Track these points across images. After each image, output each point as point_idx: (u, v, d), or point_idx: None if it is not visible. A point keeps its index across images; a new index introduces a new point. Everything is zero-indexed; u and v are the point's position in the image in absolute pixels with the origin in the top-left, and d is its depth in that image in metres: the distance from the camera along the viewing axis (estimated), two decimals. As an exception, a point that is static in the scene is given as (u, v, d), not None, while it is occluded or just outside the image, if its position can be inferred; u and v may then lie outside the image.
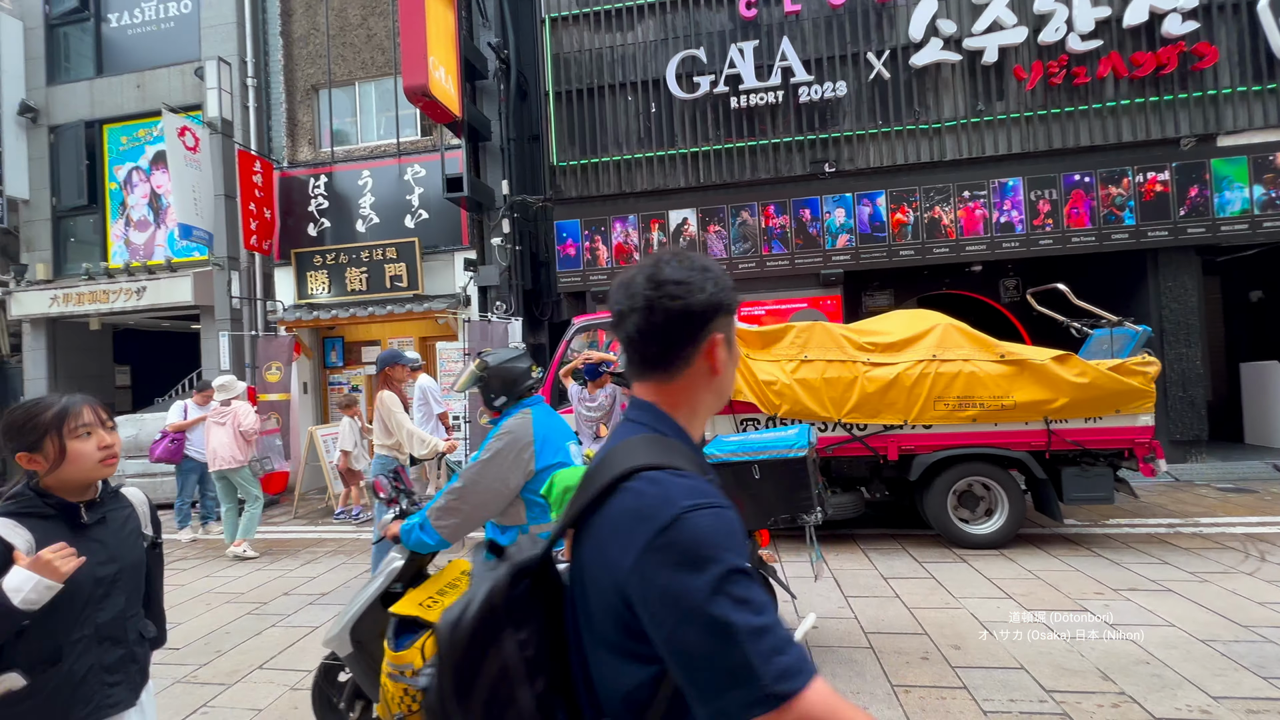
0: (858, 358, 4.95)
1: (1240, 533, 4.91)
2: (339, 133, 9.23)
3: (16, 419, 1.41)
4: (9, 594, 1.24)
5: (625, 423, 0.90)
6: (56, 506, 1.41)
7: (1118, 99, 7.01)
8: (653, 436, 0.83)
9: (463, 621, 0.77)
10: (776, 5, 7.58)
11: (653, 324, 0.83)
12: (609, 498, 0.77)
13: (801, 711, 0.63)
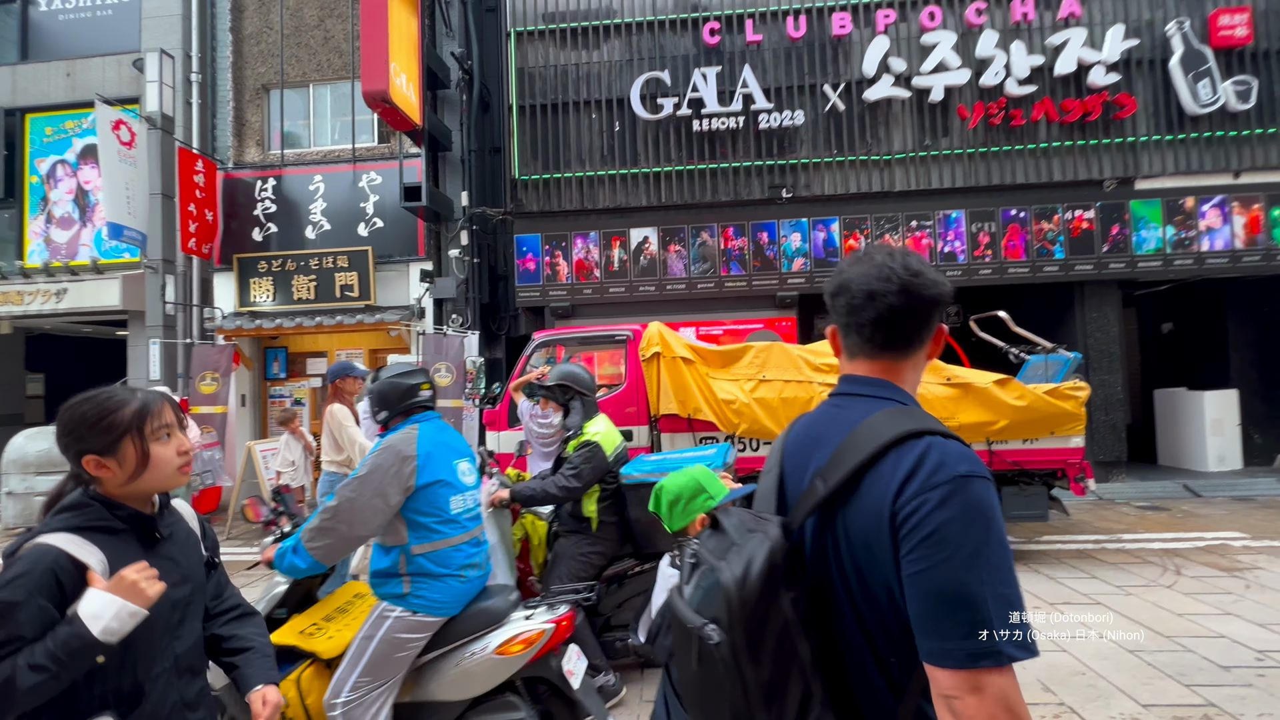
0: (814, 378, 5.08)
1: (1158, 548, 5.26)
2: (290, 135, 8.91)
3: (87, 415, 1.17)
4: (87, 622, 1.05)
5: (864, 398, 0.95)
6: (128, 520, 1.19)
7: (1049, 141, 7.53)
8: (913, 408, 0.91)
9: (749, 579, 0.81)
10: (739, 34, 7.82)
11: (909, 306, 0.92)
12: (888, 454, 0.83)
13: (1007, 679, 0.71)
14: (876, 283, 0.92)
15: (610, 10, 7.95)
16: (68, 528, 1.14)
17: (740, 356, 5.19)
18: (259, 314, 8.28)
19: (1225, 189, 7.47)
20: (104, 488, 1.19)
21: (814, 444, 0.97)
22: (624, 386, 5.35)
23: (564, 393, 3.18)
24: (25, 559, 1.08)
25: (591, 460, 2.92)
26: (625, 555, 3.20)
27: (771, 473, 1.03)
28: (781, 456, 1.02)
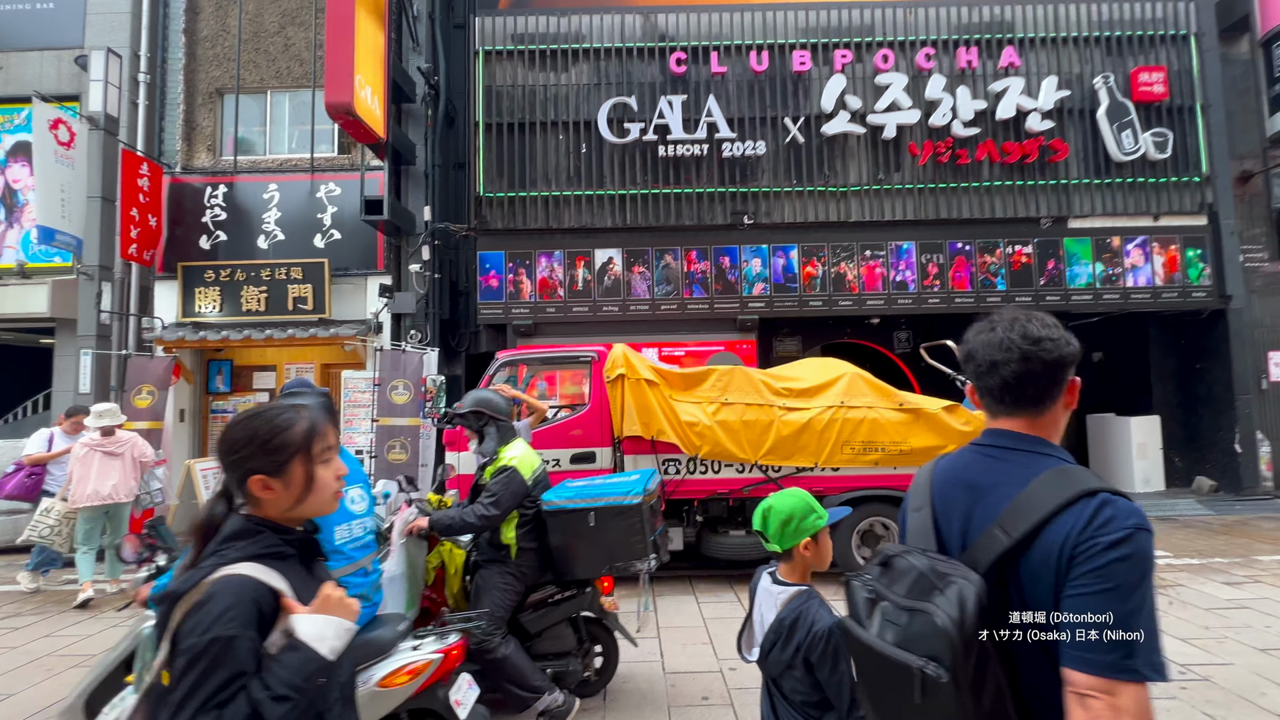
0: (774, 402, 5.20)
1: (1092, 567, 5.56)
2: (245, 141, 8.63)
3: (259, 433, 1.12)
4: (313, 645, 1.03)
5: (1022, 453, 1.05)
6: (296, 544, 1.16)
7: (992, 180, 8.02)
8: (1078, 467, 1.01)
9: (967, 621, 0.90)
10: (704, 65, 8.06)
11: (1030, 371, 1.03)
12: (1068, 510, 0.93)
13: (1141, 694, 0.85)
14: (998, 353, 1.05)
15: (579, 35, 8.08)
16: (248, 556, 1.08)
17: (703, 380, 5.26)
18: (203, 325, 7.91)
19: (1147, 230, 8.09)
20: (263, 510, 1.14)
21: (973, 490, 1.08)
22: (588, 408, 5.35)
23: (478, 419, 3.06)
24: (226, 592, 1.03)
25: (509, 486, 2.83)
26: (546, 582, 3.12)
27: (923, 510, 1.14)
28: (930, 496, 1.14)
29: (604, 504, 2.97)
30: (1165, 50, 8.18)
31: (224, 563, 1.07)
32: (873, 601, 1.04)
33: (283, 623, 1.05)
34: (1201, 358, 8.61)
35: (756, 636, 1.69)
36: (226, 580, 1.04)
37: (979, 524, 1.03)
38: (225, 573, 1.05)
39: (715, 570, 5.59)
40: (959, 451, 1.16)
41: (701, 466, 5.19)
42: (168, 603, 1.06)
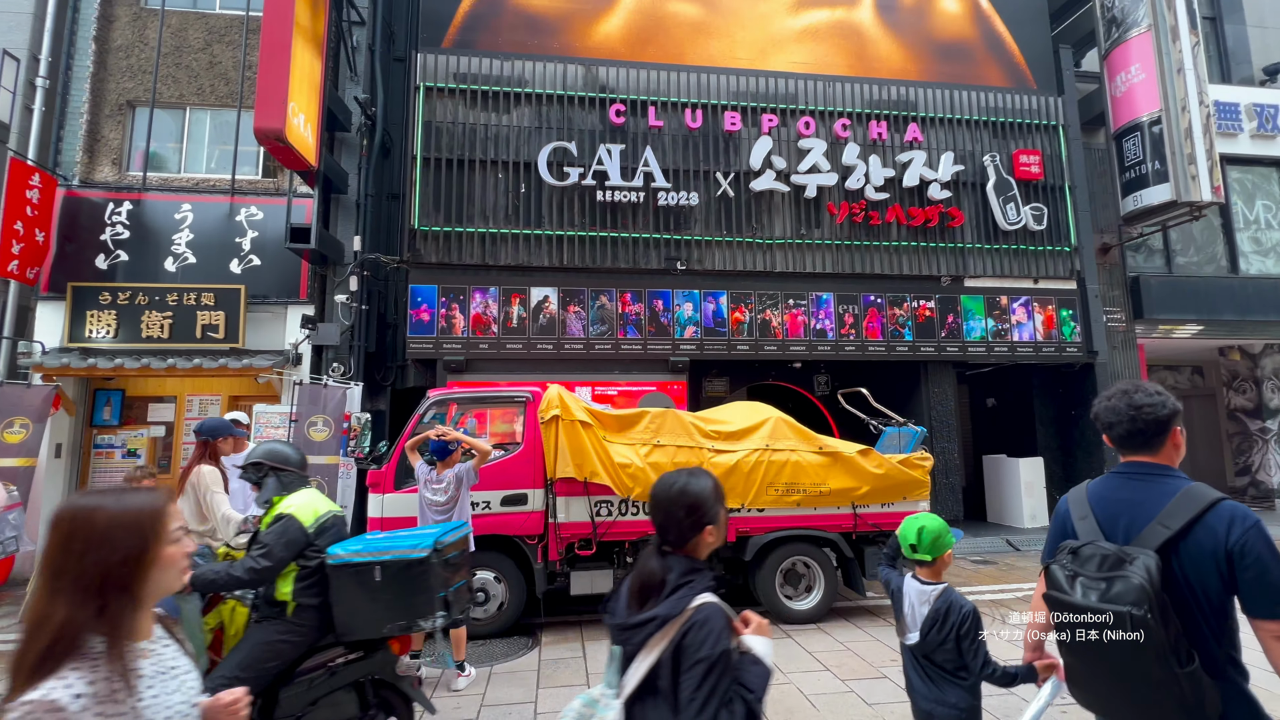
0: (704, 444, 5.38)
1: (988, 599, 6.04)
2: (156, 157, 8.12)
3: (711, 487, 1.48)
4: (767, 661, 1.40)
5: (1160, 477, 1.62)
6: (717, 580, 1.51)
7: (900, 240, 8.80)
8: (1201, 484, 1.56)
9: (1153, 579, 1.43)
10: (642, 118, 8.45)
11: (1138, 429, 1.62)
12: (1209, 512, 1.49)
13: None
14: (1113, 416, 1.66)
15: (522, 80, 8.28)
16: (707, 589, 1.40)
17: (636, 421, 5.39)
18: (94, 351, 7.23)
19: (1028, 291, 9.11)
20: (696, 553, 1.47)
21: (1128, 501, 1.63)
22: (521, 448, 5.32)
23: (257, 470, 2.86)
24: (718, 615, 1.36)
25: (284, 536, 2.58)
26: (329, 644, 2.78)
27: (1087, 518, 1.68)
28: (1090, 507, 1.70)
29: (391, 557, 2.75)
30: (1040, 137, 9.40)
31: (695, 593, 1.37)
32: (1072, 577, 1.57)
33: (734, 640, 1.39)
34: (1075, 405, 9.67)
35: (910, 624, 2.26)
36: (713, 606, 1.36)
37: (1139, 523, 1.57)
38: (707, 600, 1.36)
39: (644, 612, 5.61)
40: (1104, 477, 1.74)
41: (633, 508, 5.26)
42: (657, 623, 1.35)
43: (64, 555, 1.06)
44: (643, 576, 1.45)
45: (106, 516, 1.08)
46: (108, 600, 1.05)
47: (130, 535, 1.09)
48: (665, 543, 1.47)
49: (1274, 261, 10.70)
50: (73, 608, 1.03)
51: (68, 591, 1.04)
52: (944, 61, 9.45)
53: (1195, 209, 8.97)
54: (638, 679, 1.36)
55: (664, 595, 1.39)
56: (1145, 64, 9.08)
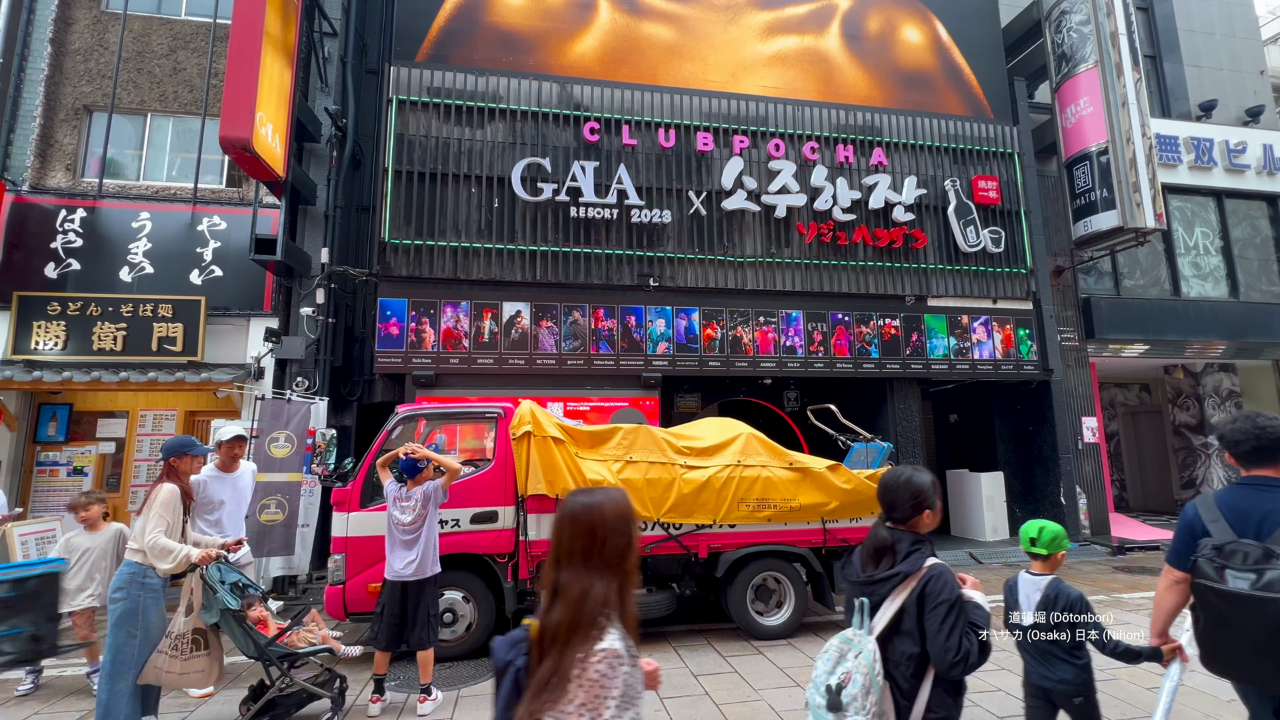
0: (676, 460, 5.40)
1: (953, 612, 6.16)
2: (114, 164, 7.88)
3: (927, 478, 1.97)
4: (986, 607, 1.87)
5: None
6: None
7: (866, 260, 9.05)
8: None
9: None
10: (616, 136, 8.55)
11: (1261, 448, 2.10)
12: None
13: None
14: (1238, 435, 2.15)
15: (496, 96, 8.31)
16: (932, 554, 1.88)
17: (609, 438, 5.38)
18: (40, 364, 6.91)
19: (988, 311, 9.45)
20: (917, 528, 1.92)
21: (1256, 510, 2.03)
22: (491, 465, 5.25)
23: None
24: (947, 571, 1.83)
25: None
26: None
27: (1219, 521, 2.09)
28: (1221, 513, 2.10)
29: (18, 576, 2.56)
30: (997, 164, 9.82)
31: (925, 556, 1.85)
32: (1220, 569, 1.95)
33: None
34: (1033, 422, 10.02)
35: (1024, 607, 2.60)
36: (943, 565, 1.84)
37: (1270, 526, 1.98)
38: (935, 561, 1.85)
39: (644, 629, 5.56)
40: (1230, 488, 2.16)
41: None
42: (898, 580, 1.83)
43: (591, 542, 1.33)
44: (876, 543, 1.94)
45: (612, 511, 1.36)
46: (622, 576, 1.34)
47: (628, 525, 1.38)
48: (890, 519, 1.94)
49: (1212, 285, 11.33)
50: (605, 583, 1.31)
51: (598, 570, 1.31)
52: (907, 90, 9.83)
53: (1140, 235, 9.46)
54: (886, 619, 1.81)
55: (900, 558, 1.85)
56: (1093, 98, 9.60)
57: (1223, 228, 11.53)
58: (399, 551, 3.98)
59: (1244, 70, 12.92)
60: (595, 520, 1.34)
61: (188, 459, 3.49)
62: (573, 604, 1.27)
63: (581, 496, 1.40)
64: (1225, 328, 10.81)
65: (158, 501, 3.37)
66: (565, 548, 1.33)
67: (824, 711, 1.77)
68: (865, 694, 1.73)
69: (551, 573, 1.34)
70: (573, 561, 1.32)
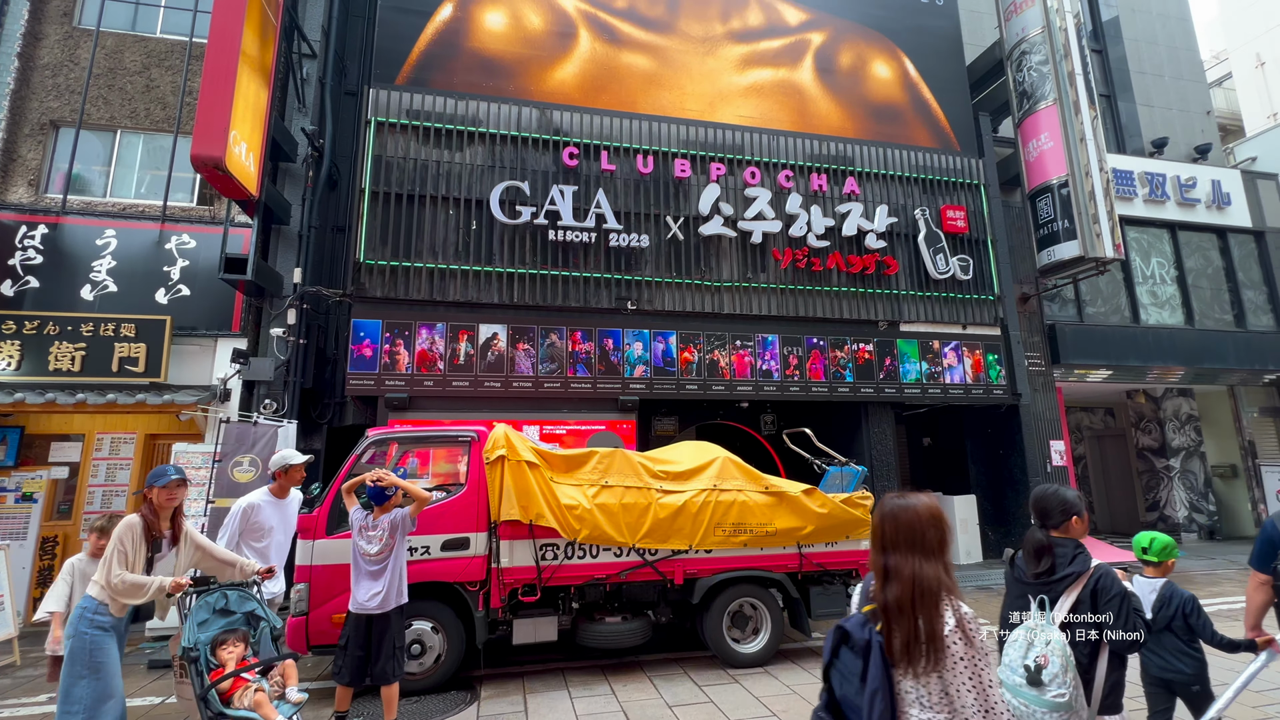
0: (652, 485, 5.36)
1: (929, 637, 6.15)
2: (80, 180, 7.70)
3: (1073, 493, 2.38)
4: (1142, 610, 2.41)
5: None
6: None
7: (840, 286, 9.22)
8: None
9: None
10: (595, 161, 8.65)
11: None
12: None
13: None
14: None
15: (476, 119, 8.36)
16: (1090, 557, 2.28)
17: (584, 462, 5.32)
18: (-9, 384, 6.63)
19: (958, 337, 9.67)
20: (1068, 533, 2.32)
21: None
22: (464, 490, 5.15)
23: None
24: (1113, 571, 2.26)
25: None
26: None
27: None
28: None
29: None
30: (964, 194, 10.16)
31: (1089, 559, 2.23)
32: None
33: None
34: (1003, 445, 10.20)
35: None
36: (1107, 565, 2.24)
37: None
38: (1099, 562, 2.24)
39: (589, 660, 5.45)
40: None
41: (580, 551, 5.15)
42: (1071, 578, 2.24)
43: (912, 534, 1.60)
44: (1035, 545, 2.30)
45: (925, 509, 1.63)
46: (943, 561, 1.60)
47: (941, 521, 1.63)
48: (1044, 526, 2.34)
49: (1169, 313, 11.78)
50: (932, 565, 1.57)
51: (922, 556, 1.58)
52: (877, 122, 10.16)
53: (1100, 264, 9.82)
54: (1065, 610, 2.19)
55: (1066, 560, 2.24)
56: (1053, 133, 10.03)
57: (1177, 258, 12.04)
58: (364, 583, 3.86)
59: (1192, 110, 13.65)
60: (914, 517, 1.62)
61: (155, 490, 3.29)
62: (908, 581, 1.55)
63: (897, 499, 1.68)
64: (1182, 354, 11.21)
65: (114, 536, 3.21)
66: (890, 539, 1.62)
67: (1025, 688, 2.11)
68: (1064, 671, 2.07)
69: (879, 558, 1.64)
70: (898, 549, 1.60)
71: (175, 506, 3.38)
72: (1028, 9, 10.39)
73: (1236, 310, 12.16)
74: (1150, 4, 14.00)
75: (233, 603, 3.35)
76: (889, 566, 1.59)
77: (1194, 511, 12.11)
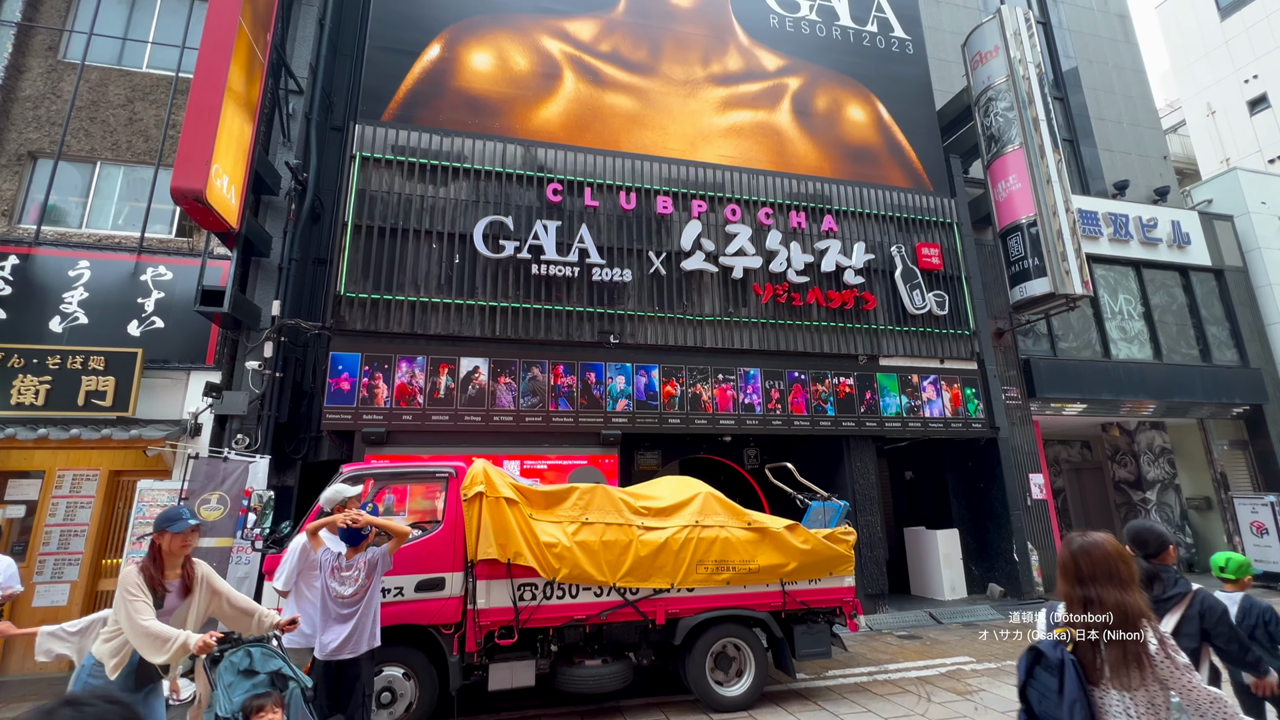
0: (633, 521, 5.27)
1: (914, 676, 6.07)
2: (56, 210, 7.61)
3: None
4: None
5: None
6: None
7: (819, 320, 9.35)
8: None
9: None
10: (578, 197, 8.77)
11: None
12: None
13: None
14: None
15: (461, 155, 8.47)
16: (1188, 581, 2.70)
17: (565, 498, 5.24)
18: (-52, 419, 6.38)
19: (936, 371, 9.82)
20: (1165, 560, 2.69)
21: None
22: (440, 527, 5.02)
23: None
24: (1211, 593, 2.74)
25: None
26: None
27: None
28: None
29: None
30: (938, 232, 10.46)
31: (1188, 583, 2.66)
32: None
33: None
34: (984, 479, 10.27)
35: None
36: (1205, 589, 2.68)
37: None
38: (1199, 585, 2.68)
39: (568, 706, 5.26)
40: None
41: (559, 591, 5.02)
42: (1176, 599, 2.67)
43: (1109, 566, 1.86)
44: (1145, 573, 2.62)
45: (1113, 546, 1.90)
46: (1136, 591, 1.84)
47: (1130, 556, 1.92)
48: (1145, 555, 2.72)
49: (1138, 348, 12.11)
50: (1131, 595, 1.83)
51: (1120, 586, 1.83)
52: (853, 162, 10.49)
53: (1070, 300, 10.11)
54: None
55: (1172, 583, 2.67)
56: (1020, 175, 10.43)
57: (1143, 295, 12.44)
58: (332, 627, 3.70)
59: (1150, 155, 14.32)
60: (1105, 554, 1.88)
61: (167, 535, 2.97)
62: (1112, 608, 1.80)
63: (1083, 538, 1.93)
64: (1152, 387, 11.48)
65: (123, 585, 2.85)
66: (1088, 572, 1.87)
67: None
68: None
69: (1075, 590, 1.88)
70: (1097, 581, 1.85)
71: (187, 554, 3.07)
72: (993, 59, 10.92)
73: (1202, 345, 12.54)
74: (1106, 56, 14.81)
75: (257, 661, 2.91)
76: (1089, 597, 1.84)
77: (1172, 544, 12.20)
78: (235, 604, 3.13)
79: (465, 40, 9.06)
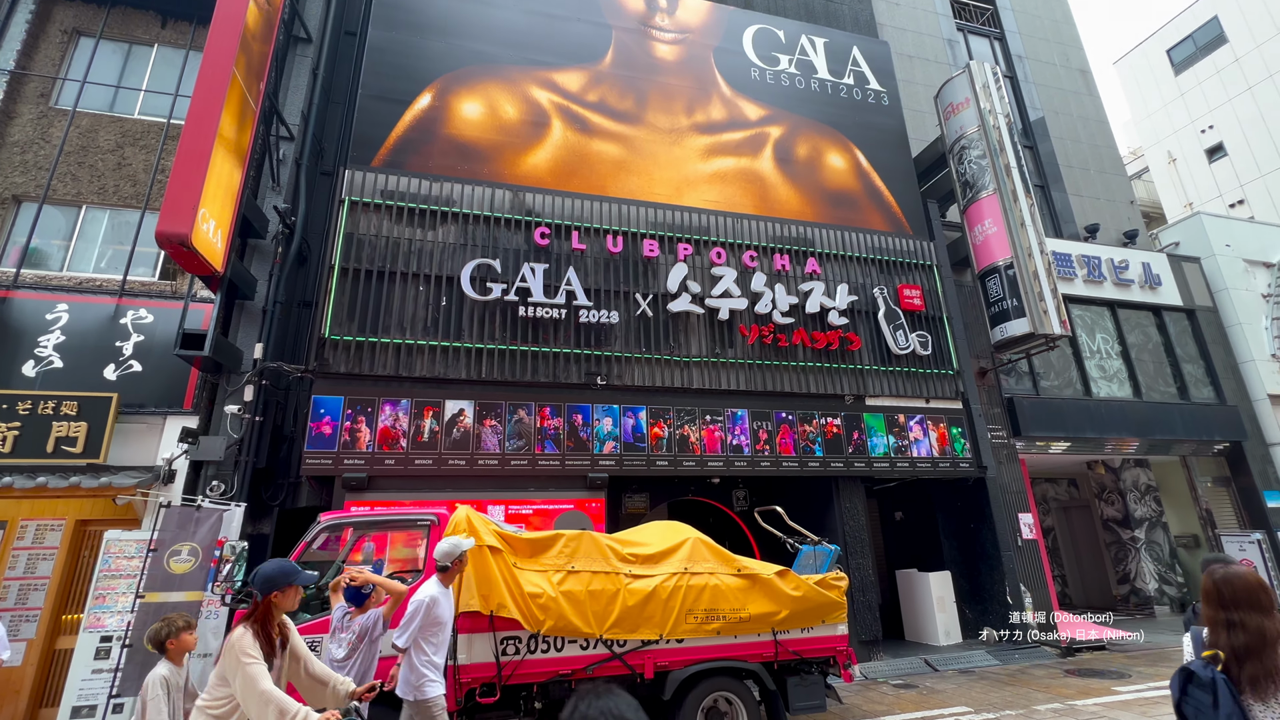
0: (620, 569, 5.14)
1: (912, 729, 5.86)
2: (37, 253, 7.54)
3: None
4: None
5: None
6: None
7: (805, 361, 9.41)
8: None
9: None
10: (566, 240, 8.88)
11: None
12: None
13: None
14: None
15: (449, 200, 8.58)
16: None
17: (550, 545, 5.10)
18: (-93, 468, 6.14)
19: (922, 410, 9.87)
20: None
21: None
22: (421, 577, 4.85)
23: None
24: None
25: None
26: None
27: None
28: None
29: None
30: (919, 274, 10.68)
31: None
32: None
33: None
34: (973, 519, 10.21)
35: None
36: None
37: None
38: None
39: (553, 769, 4.99)
40: None
41: (544, 644, 4.84)
42: None
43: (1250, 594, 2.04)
44: None
45: (1254, 576, 2.08)
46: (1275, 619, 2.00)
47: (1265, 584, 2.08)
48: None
49: (1118, 386, 12.30)
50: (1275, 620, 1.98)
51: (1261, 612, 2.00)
52: (834, 207, 10.77)
53: (1050, 340, 10.29)
54: None
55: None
56: (995, 219, 10.76)
57: (1119, 334, 12.72)
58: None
59: (1117, 200, 14.88)
60: (1247, 584, 2.05)
61: (278, 594, 2.79)
62: (1255, 632, 1.97)
63: (1225, 569, 2.13)
64: (1134, 425, 11.61)
65: (241, 647, 2.62)
66: (1231, 599, 2.05)
67: None
68: None
69: (1220, 614, 2.06)
70: (1240, 607, 2.03)
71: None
72: (964, 110, 11.40)
73: (1179, 383, 12.77)
74: (1070, 108, 15.54)
75: None
76: (1233, 621, 2.02)
77: (1163, 584, 12.15)
78: (313, 672, 2.93)
79: (456, 90, 9.30)
